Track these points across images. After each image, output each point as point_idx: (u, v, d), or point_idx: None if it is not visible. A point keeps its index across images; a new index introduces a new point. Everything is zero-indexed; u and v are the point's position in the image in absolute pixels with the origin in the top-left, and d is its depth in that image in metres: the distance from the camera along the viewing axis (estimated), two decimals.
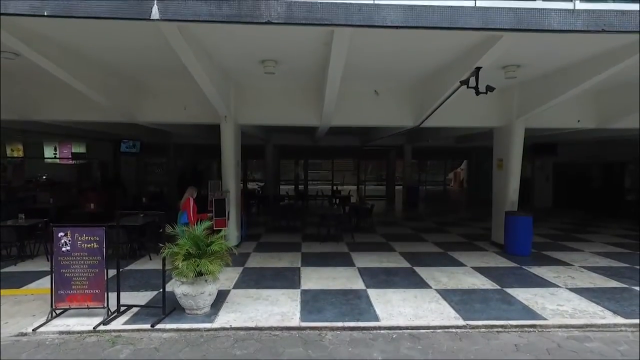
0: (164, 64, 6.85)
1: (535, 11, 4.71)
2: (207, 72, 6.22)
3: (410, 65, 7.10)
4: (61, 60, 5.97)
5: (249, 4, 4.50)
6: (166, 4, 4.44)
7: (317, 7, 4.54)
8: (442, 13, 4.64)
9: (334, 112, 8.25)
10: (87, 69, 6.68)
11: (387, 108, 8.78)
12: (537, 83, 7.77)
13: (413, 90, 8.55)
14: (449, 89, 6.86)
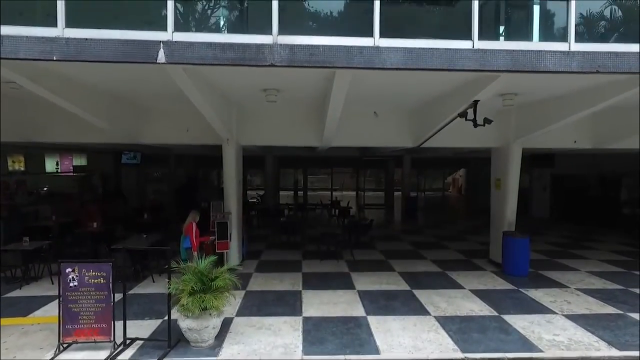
0: (167, 91, 6.95)
1: (531, 53, 4.84)
2: (209, 103, 6.35)
3: (410, 93, 7.23)
4: (64, 91, 6.08)
5: (252, 48, 4.62)
6: (172, 48, 4.55)
7: (319, 50, 4.66)
8: (441, 56, 4.77)
9: (334, 135, 8.37)
10: (91, 98, 6.79)
11: (386, 129, 8.91)
12: (534, 107, 7.90)
13: (413, 113, 8.68)
14: (447, 116, 6.99)
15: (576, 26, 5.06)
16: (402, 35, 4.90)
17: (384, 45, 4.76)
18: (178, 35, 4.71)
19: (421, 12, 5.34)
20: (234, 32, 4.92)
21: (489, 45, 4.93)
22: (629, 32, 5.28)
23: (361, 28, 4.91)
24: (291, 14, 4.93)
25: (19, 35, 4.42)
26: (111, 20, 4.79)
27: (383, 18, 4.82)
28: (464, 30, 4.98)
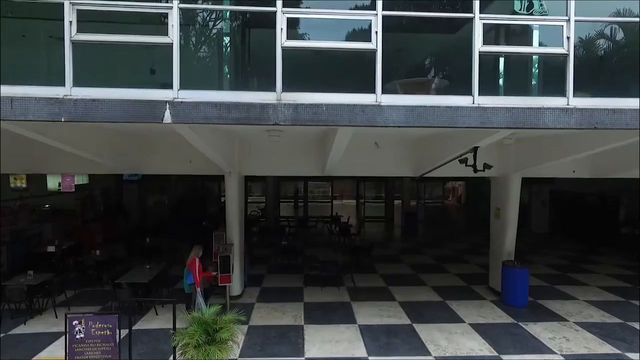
0: (172, 129, 7.04)
1: (530, 111, 4.93)
2: (212, 147, 6.45)
3: (412, 131, 7.32)
4: (69, 137, 6.15)
5: (257, 108, 4.70)
6: (178, 108, 4.64)
7: (322, 109, 4.75)
8: (442, 114, 4.86)
9: (336, 167, 8.46)
10: (94, 139, 6.86)
11: (387, 160, 8.98)
12: (534, 143, 7.98)
13: (414, 145, 8.76)
14: (447, 156, 7.08)
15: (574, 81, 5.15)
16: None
17: (386, 104, 4.84)
18: (184, 93, 4.79)
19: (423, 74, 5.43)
20: (239, 89, 5.00)
21: (489, 101, 5.02)
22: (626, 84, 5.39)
23: (363, 86, 5.00)
24: (295, 73, 5.02)
25: (28, 96, 4.50)
26: (118, 79, 4.88)
27: (385, 74, 4.92)
28: (465, 86, 5.08)
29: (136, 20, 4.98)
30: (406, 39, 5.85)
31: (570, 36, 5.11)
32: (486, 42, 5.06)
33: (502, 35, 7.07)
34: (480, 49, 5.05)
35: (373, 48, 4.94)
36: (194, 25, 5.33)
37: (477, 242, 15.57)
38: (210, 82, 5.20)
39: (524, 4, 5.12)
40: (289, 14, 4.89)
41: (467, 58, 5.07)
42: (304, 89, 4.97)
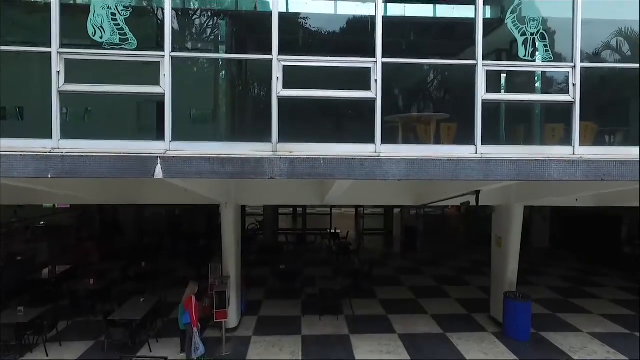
0: None
1: (535, 163, 4.76)
2: (206, 189, 6.27)
3: None
4: (60, 182, 5.98)
5: (252, 162, 4.53)
6: (169, 163, 4.46)
7: (320, 163, 4.57)
8: (444, 166, 4.69)
9: (336, 199, 8.30)
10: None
11: (388, 192, 8.81)
12: None
13: (415, 182, 8.59)
14: (449, 193, 6.91)
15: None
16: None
17: (386, 156, 4.68)
18: (176, 144, 4.63)
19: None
20: (233, 140, 4.83)
21: (492, 150, 4.86)
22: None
23: (362, 134, 4.85)
24: (291, 122, 4.86)
25: (13, 152, 4.32)
26: (108, 129, 4.71)
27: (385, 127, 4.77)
28: (468, 135, 4.92)
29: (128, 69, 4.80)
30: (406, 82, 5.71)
31: (576, 83, 4.94)
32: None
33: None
34: (484, 97, 4.89)
35: (372, 97, 4.78)
36: (186, 74, 5.16)
37: (477, 260, 15.40)
38: (204, 133, 5.02)
39: (529, 50, 4.96)
40: (285, 62, 4.72)
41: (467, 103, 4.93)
42: (301, 139, 4.81)
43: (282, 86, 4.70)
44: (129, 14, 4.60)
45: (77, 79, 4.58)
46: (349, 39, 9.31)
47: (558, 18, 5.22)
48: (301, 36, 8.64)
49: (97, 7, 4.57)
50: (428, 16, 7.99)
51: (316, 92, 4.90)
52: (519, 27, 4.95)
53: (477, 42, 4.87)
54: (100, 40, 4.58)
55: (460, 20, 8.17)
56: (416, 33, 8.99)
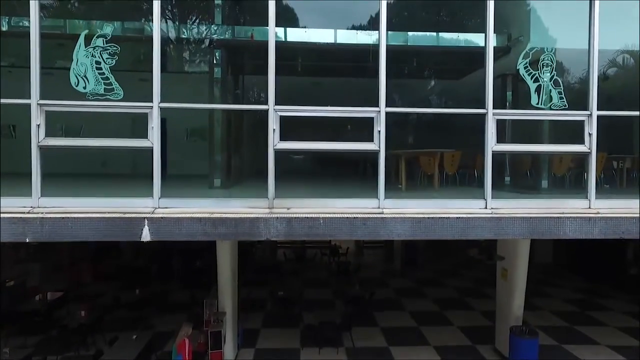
0: None
1: (549, 220, 4.46)
2: None
3: None
4: None
5: (246, 223, 4.22)
6: (157, 224, 4.16)
7: (319, 223, 4.27)
8: (452, 225, 4.39)
9: None
10: None
11: None
12: None
13: None
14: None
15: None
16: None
17: (390, 213, 4.38)
18: (165, 202, 4.33)
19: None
20: (226, 196, 4.52)
21: (503, 205, 4.57)
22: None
23: (364, 187, 4.54)
24: (289, 176, 4.55)
25: None
26: (92, 186, 4.40)
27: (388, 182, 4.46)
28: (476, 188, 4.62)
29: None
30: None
31: (593, 132, 4.65)
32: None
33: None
34: (494, 148, 4.59)
35: (375, 149, 4.48)
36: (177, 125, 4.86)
37: (478, 278, 15.10)
38: (195, 189, 4.71)
39: (542, 97, 4.66)
40: (282, 112, 4.42)
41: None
42: (299, 193, 4.52)
43: (280, 138, 4.40)
44: (115, 62, 4.29)
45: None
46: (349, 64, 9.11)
47: (572, 61, 4.94)
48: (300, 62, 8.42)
49: (80, 55, 4.26)
50: (432, 44, 7.73)
51: (315, 145, 4.60)
52: (531, 73, 4.65)
53: (487, 90, 4.57)
54: (83, 90, 4.27)
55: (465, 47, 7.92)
56: (420, 59, 8.73)
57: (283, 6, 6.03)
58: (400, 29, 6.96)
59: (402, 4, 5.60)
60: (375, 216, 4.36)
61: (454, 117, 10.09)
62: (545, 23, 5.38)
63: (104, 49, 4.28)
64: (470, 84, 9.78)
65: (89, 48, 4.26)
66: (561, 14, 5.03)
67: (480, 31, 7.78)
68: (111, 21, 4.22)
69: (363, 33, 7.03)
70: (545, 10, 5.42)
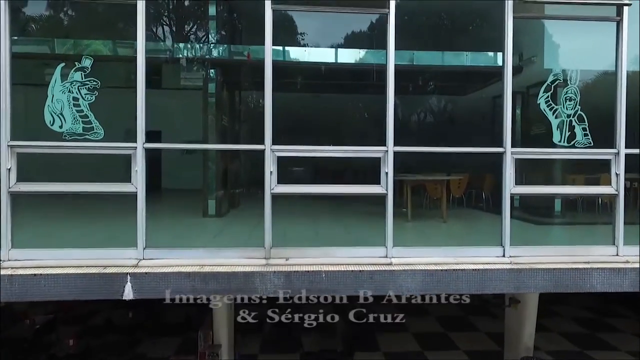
0: None
1: (574, 272, 4.05)
2: None
3: None
4: None
5: (240, 277, 3.81)
6: (141, 281, 3.73)
7: (322, 277, 3.85)
8: (468, 278, 3.98)
9: None
10: None
11: None
12: None
13: None
14: None
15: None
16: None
17: (399, 265, 3.97)
18: (150, 252, 3.91)
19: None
20: (219, 245, 4.10)
21: (522, 253, 4.17)
22: None
23: (370, 235, 4.15)
24: (288, 222, 4.14)
25: None
26: (69, 236, 3.99)
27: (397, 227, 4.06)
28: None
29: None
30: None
31: (620, 172, 4.24)
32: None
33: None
34: (513, 190, 4.18)
35: (383, 192, 4.06)
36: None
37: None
38: (184, 236, 4.30)
39: (565, 134, 4.25)
40: (280, 153, 4.00)
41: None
42: (298, 241, 4.11)
43: (277, 181, 3.99)
44: (94, 98, 3.87)
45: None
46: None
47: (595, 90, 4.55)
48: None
49: (56, 91, 3.84)
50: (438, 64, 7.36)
51: (317, 188, 4.20)
52: (553, 108, 4.24)
53: (504, 127, 4.16)
54: (59, 130, 3.85)
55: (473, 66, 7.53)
56: (425, 77, 8.34)
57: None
58: (407, 48, 6.58)
59: (410, 26, 5.21)
60: (383, 268, 3.94)
61: (463, 137, 9.71)
62: (567, 49, 5.00)
63: (83, 84, 3.87)
64: (476, 99, 9.42)
65: (66, 83, 3.84)
66: (583, 39, 4.63)
67: (486, 49, 7.43)
68: (90, 53, 3.79)
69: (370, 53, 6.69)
70: (566, 35, 5.02)
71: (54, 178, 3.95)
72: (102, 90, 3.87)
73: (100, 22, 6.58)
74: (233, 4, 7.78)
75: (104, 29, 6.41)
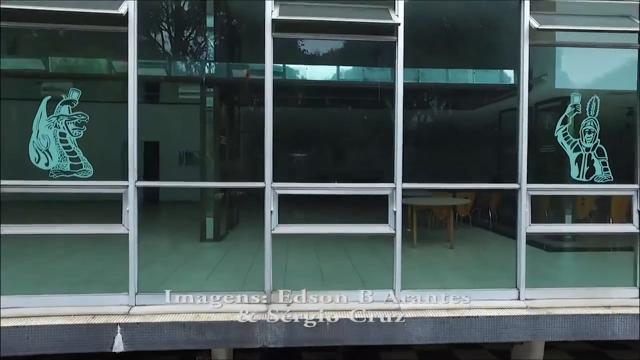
0: None
1: (595, 319, 3.81)
2: None
3: None
4: None
5: (238, 328, 3.55)
6: (132, 332, 3.48)
7: (325, 326, 3.60)
8: (482, 326, 3.73)
9: None
10: None
11: None
12: None
13: None
14: None
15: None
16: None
17: (408, 309, 3.73)
18: (143, 298, 3.66)
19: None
20: (215, 290, 3.84)
21: (539, 296, 3.92)
22: None
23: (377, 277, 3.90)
24: (287, 265, 3.89)
25: None
26: (54, 280, 3.74)
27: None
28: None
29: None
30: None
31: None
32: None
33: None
34: (529, 229, 3.93)
35: (390, 233, 3.82)
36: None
37: None
38: (179, 276, 4.05)
39: (584, 169, 4.01)
40: (281, 191, 3.75)
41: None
42: (300, 284, 3.86)
43: (278, 221, 3.74)
44: (83, 133, 3.62)
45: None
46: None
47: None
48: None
49: (41, 126, 3.59)
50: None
51: (321, 228, 3.94)
52: (571, 141, 4.00)
53: (519, 163, 3.91)
54: (45, 167, 3.60)
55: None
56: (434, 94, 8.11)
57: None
58: (415, 65, 6.35)
59: (418, 49, 4.96)
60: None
61: (469, 155, 9.47)
62: (585, 76, 4.77)
63: (70, 119, 3.62)
64: (484, 114, 9.18)
65: (52, 117, 3.59)
66: (602, 66, 4.41)
67: (494, 68, 7.19)
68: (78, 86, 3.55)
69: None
70: (584, 62, 4.79)
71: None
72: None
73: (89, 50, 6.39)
74: (232, 31, 7.62)
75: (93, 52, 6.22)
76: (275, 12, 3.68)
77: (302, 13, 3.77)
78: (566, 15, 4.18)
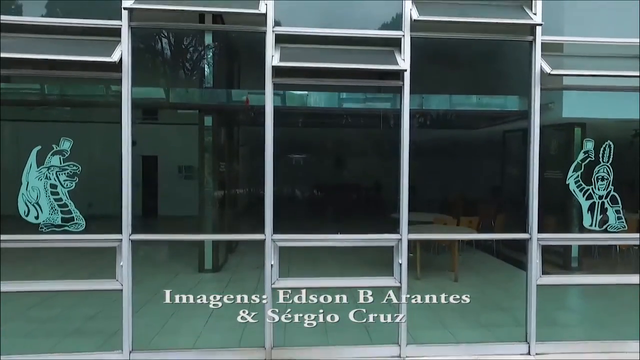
0: None
1: None
2: None
3: None
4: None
5: None
6: None
7: None
8: None
9: None
10: None
11: None
12: None
13: None
14: None
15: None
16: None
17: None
18: (137, 356, 3.50)
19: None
20: (213, 345, 3.68)
21: (549, 350, 3.77)
22: None
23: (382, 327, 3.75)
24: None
25: None
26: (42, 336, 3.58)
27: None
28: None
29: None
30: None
31: None
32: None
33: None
34: (539, 282, 3.78)
35: (396, 285, 3.67)
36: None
37: None
38: (183, 275, 3.90)
39: (597, 217, 3.86)
40: (282, 243, 3.60)
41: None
42: (301, 339, 3.71)
43: (278, 275, 3.59)
44: (74, 185, 3.46)
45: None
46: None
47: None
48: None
49: (31, 178, 3.43)
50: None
51: (323, 282, 3.78)
52: (583, 189, 3.84)
53: (530, 212, 3.76)
54: (35, 221, 3.44)
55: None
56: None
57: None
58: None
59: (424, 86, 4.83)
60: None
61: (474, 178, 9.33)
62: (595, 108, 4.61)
63: (62, 169, 3.46)
64: (488, 133, 9.06)
65: (42, 168, 3.43)
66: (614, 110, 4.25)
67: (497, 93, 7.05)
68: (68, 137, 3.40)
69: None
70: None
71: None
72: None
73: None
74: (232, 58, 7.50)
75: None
76: (275, 57, 3.52)
77: (305, 58, 3.61)
78: (575, 56, 4.03)
